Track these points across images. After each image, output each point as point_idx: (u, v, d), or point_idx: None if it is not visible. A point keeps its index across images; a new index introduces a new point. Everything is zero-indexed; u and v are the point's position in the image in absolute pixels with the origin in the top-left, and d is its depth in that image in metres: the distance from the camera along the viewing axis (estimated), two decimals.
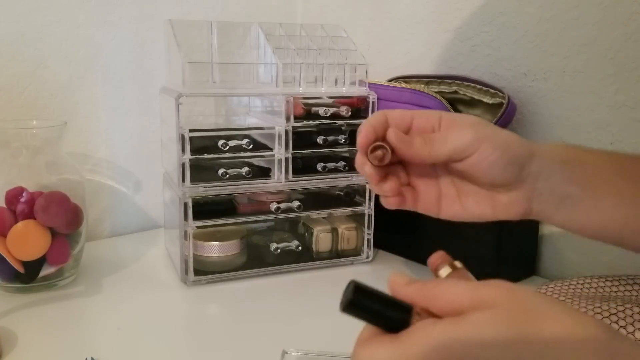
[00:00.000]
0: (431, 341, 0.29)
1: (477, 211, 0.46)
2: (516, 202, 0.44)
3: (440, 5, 0.91)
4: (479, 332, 0.29)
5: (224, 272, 0.76)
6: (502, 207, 0.45)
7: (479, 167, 0.43)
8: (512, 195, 0.44)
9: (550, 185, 0.44)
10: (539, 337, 0.29)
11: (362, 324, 0.36)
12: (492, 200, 0.45)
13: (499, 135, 0.43)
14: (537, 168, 0.44)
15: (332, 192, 0.84)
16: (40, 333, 0.62)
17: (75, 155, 0.89)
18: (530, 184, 0.44)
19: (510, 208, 0.45)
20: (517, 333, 0.29)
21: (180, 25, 0.78)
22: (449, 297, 0.31)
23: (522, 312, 0.29)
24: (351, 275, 0.78)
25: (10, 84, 0.83)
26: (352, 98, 0.79)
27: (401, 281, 0.34)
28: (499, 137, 0.43)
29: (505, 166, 0.43)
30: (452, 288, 0.32)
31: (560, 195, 0.44)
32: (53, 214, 0.69)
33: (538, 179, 0.44)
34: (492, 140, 0.42)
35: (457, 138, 0.42)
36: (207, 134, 0.74)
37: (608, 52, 0.72)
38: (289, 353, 0.56)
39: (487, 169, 0.43)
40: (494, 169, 0.43)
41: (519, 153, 0.43)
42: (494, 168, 0.43)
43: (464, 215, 0.46)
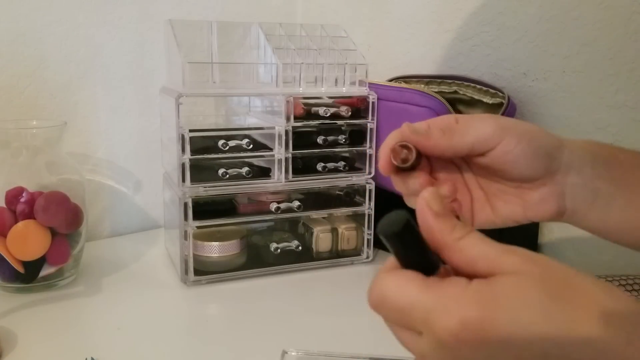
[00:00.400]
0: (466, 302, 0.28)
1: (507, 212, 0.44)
2: (548, 199, 0.42)
3: (440, 5, 0.91)
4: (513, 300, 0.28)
5: (224, 272, 0.76)
6: (533, 205, 0.43)
7: (505, 159, 0.40)
8: (543, 191, 0.42)
9: (583, 179, 0.41)
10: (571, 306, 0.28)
11: (361, 326, 0.35)
12: (522, 199, 0.43)
13: (523, 126, 0.41)
14: (568, 160, 0.41)
15: (332, 192, 0.84)
16: (40, 333, 0.62)
17: (75, 155, 0.89)
18: (561, 178, 0.42)
19: (541, 206, 0.42)
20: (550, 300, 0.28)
21: (180, 25, 0.78)
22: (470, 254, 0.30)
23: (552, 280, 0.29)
24: (351, 275, 0.79)
25: (10, 84, 0.83)
26: (352, 98, 0.79)
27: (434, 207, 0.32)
28: (523, 127, 0.41)
29: (533, 157, 0.40)
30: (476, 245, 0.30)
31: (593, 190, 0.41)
32: (53, 214, 0.69)
33: (569, 173, 0.41)
34: (516, 131, 0.40)
35: (478, 128, 0.40)
36: (207, 134, 0.74)
37: (608, 52, 0.72)
38: (289, 353, 0.56)
39: (514, 161, 0.40)
40: (522, 161, 0.40)
41: (547, 143, 0.41)
42: (521, 160, 0.40)
43: (495, 219, 0.44)
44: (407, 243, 0.30)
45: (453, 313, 0.28)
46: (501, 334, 0.28)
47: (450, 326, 0.28)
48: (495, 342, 0.28)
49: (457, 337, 0.28)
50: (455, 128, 0.41)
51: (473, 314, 0.28)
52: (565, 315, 0.28)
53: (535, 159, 0.40)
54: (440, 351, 0.29)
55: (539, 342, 0.28)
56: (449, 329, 0.28)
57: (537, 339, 0.28)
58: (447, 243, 0.31)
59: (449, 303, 0.29)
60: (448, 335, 0.28)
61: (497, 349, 0.28)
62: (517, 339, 0.28)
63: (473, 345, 0.28)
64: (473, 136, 0.40)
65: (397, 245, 0.31)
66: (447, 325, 0.28)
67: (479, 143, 0.40)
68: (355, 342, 0.61)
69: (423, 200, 0.32)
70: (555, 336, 0.28)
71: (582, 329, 0.28)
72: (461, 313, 0.28)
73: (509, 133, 0.40)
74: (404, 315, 0.30)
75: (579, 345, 0.27)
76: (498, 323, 0.28)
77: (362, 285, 0.32)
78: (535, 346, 0.28)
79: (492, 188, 0.44)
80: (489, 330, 0.28)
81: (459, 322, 0.28)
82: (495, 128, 0.40)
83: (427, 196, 0.32)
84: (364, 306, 0.32)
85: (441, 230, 0.31)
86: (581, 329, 0.28)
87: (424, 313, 0.29)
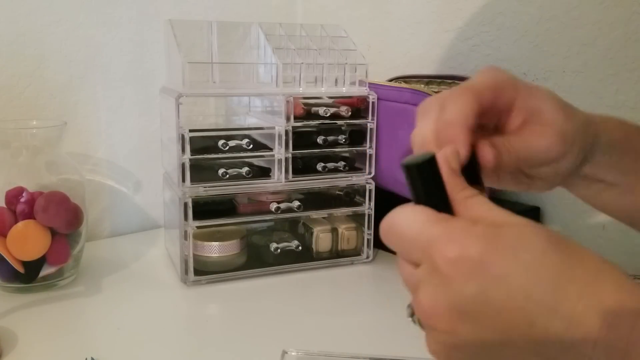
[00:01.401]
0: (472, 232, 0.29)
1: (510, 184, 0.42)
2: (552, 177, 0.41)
3: (440, 5, 0.91)
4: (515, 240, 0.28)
5: (224, 272, 0.76)
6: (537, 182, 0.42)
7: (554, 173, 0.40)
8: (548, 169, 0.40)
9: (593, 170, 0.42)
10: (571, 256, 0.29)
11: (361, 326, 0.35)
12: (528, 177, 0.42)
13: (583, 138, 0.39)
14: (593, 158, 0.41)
15: (332, 192, 0.84)
16: (40, 333, 0.62)
17: (75, 155, 0.89)
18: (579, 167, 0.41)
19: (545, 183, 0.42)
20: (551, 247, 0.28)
21: (180, 25, 0.78)
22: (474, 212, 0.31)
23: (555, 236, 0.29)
24: (351, 275, 0.79)
25: (10, 84, 0.83)
26: (352, 98, 0.79)
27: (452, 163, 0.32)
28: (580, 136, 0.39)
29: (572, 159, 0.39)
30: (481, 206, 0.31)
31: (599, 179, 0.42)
32: (53, 214, 0.69)
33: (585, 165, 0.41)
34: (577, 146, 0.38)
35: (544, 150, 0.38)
36: (207, 134, 0.74)
37: (608, 52, 0.72)
38: (289, 353, 0.56)
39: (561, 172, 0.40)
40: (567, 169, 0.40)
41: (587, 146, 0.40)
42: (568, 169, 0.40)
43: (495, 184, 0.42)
44: (426, 178, 0.31)
45: (456, 243, 0.29)
46: (497, 271, 0.28)
47: (449, 254, 0.29)
48: (490, 277, 0.28)
49: (454, 265, 0.29)
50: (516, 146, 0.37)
51: (474, 247, 0.29)
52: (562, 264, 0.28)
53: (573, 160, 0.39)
54: (433, 280, 0.30)
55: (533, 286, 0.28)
56: (447, 257, 0.29)
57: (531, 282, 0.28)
58: (456, 199, 0.32)
59: (453, 233, 0.29)
60: (445, 263, 0.29)
61: (489, 285, 0.28)
62: (512, 278, 0.28)
63: (467, 277, 0.28)
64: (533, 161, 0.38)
65: (416, 178, 0.32)
66: (446, 253, 0.29)
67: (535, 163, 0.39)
68: (355, 342, 0.61)
69: (443, 156, 0.33)
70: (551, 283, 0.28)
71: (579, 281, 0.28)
72: (463, 244, 0.29)
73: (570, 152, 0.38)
74: (407, 244, 0.31)
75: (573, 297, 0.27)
76: (496, 259, 0.28)
77: (362, 285, 0.33)
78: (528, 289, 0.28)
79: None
80: (486, 264, 0.28)
81: (459, 251, 0.29)
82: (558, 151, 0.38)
83: (448, 153, 0.33)
84: (364, 306, 0.33)
85: (453, 186, 0.32)
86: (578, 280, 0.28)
87: (426, 242, 0.30)
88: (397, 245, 0.32)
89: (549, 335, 0.28)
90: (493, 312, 0.28)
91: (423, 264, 0.30)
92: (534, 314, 0.28)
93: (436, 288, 0.29)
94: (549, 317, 0.27)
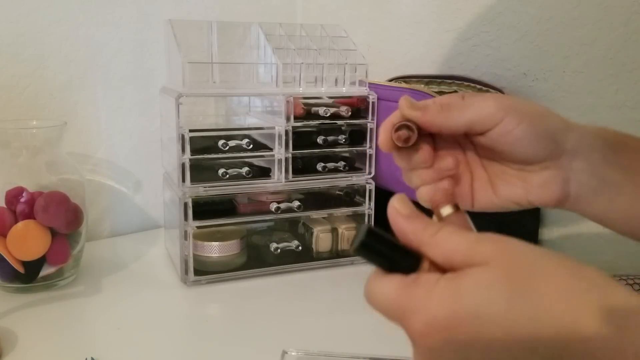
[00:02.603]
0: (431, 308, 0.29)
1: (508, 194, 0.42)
2: (551, 183, 0.40)
3: (440, 5, 0.91)
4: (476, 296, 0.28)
5: (224, 272, 0.76)
6: (535, 189, 0.41)
7: (505, 140, 0.39)
8: (546, 175, 0.40)
9: (590, 165, 0.40)
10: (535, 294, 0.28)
11: (361, 326, 0.36)
12: (525, 181, 0.41)
13: (527, 107, 0.39)
14: (575, 144, 0.40)
15: (332, 192, 0.84)
16: (40, 333, 0.62)
17: (75, 155, 0.89)
18: (567, 162, 0.40)
19: (544, 190, 0.41)
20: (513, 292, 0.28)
21: (180, 25, 0.78)
22: (444, 248, 0.31)
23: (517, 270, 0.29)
24: (351, 275, 0.79)
25: (10, 84, 0.83)
26: (352, 98, 0.79)
27: (403, 211, 0.33)
28: (526, 108, 0.39)
29: (535, 139, 0.39)
30: (449, 239, 0.31)
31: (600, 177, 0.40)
32: (53, 214, 0.69)
33: (575, 157, 0.40)
34: (519, 111, 0.39)
35: (477, 107, 0.39)
36: (207, 134, 0.74)
37: (608, 52, 0.72)
38: (289, 353, 0.56)
39: (514, 142, 0.39)
40: (522, 143, 0.39)
41: (552, 125, 0.40)
42: (522, 141, 0.39)
43: (496, 200, 0.43)
44: (376, 250, 0.32)
45: (420, 315, 0.29)
46: (467, 332, 0.28)
47: (417, 328, 0.29)
48: (463, 340, 0.28)
49: (425, 337, 0.29)
50: (455, 105, 0.40)
51: (438, 314, 0.29)
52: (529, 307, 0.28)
53: (538, 141, 0.39)
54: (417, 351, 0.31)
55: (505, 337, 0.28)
56: (417, 331, 0.29)
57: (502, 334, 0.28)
58: (423, 240, 0.31)
59: (416, 304, 0.30)
60: (418, 337, 0.30)
61: (464, 345, 0.28)
62: (483, 334, 0.28)
63: (442, 345, 0.29)
64: (471, 114, 0.39)
65: (369, 255, 0.32)
66: (415, 327, 0.30)
67: (477, 122, 0.39)
68: (355, 342, 0.61)
69: (392, 207, 0.33)
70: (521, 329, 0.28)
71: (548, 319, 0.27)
72: (426, 315, 0.29)
73: (510, 113, 0.39)
74: (387, 316, 0.32)
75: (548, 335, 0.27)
76: (462, 321, 0.28)
77: (362, 285, 0.33)
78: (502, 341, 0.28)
79: (495, 168, 0.43)
80: (454, 329, 0.28)
81: (424, 324, 0.29)
82: (496, 107, 0.39)
83: (395, 203, 0.33)
84: (364, 306, 0.33)
85: (414, 231, 0.32)
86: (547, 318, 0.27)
87: (398, 315, 0.31)
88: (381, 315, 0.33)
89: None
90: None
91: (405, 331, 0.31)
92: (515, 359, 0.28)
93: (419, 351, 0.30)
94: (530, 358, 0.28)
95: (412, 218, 0.32)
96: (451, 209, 0.37)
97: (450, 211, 0.37)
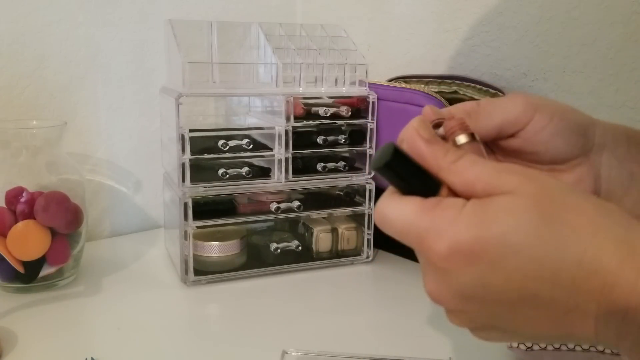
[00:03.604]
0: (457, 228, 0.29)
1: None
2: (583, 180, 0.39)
3: (440, 5, 0.91)
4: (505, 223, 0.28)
5: (224, 272, 0.76)
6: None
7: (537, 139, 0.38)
8: (578, 172, 0.39)
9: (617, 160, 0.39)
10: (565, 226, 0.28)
11: (361, 326, 0.36)
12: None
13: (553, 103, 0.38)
14: (601, 139, 0.39)
15: (332, 192, 0.84)
16: (40, 333, 0.62)
17: (75, 155, 0.89)
18: (596, 156, 0.39)
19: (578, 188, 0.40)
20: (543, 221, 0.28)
21: (180, 25, 0.78)
22: (466, 176, 0.30)
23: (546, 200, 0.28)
24: (351, 275, 0.79)
25: (10, 84, 0.83)
26: (352, 98, 0.79)
27: (424, 134, 0.32)
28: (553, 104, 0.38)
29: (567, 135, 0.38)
30: (471, 167, 0.30)
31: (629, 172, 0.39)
32: (53, 214, 0.69)
33: (603, 151, 0.39)
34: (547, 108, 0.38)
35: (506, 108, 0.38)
36: (207, 134, 0.74)
37: (608, 52, 0.72)
38: (289, 353, 0.56)
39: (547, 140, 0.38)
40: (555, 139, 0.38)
41: (579, 120, 0.39)
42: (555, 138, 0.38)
43: None
44: (400, 170, 0.31)
45: (444, 237, 0.29)
46: (491, 256, 0.28)
47: (440, 250, 0.29)
48: (484, 265, 0.28)
49: (446, 260, 0.29)
50: (480, 110, 0.38)
51: (464, 238, 0.28)
52: (557, 237, 0.28)
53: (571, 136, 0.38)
54: (431, 271, 0.30)
55: (529, 265, 0.28)
56: (439, 253, 0.29)
57: (527, 261, 0.28)
58: (443, 167, 0.31)
59: (441, 226, 0.29)
60: (438, 259, 0.29)
61: (486, 271, 0.28)
62: (507, 262, 0.28)
63: (462, 267, 0.29)
64: (501, 116, 0.38)
65: (391, 175, 0.31)
66: (437, 249, 0.29)
67: (508, 123, 0.38)
68: (355, 342, 0.61)
69: (412, 129, 0.32)
70: (546, 258, 0.28)
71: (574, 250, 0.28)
72: (452, 237, 0.29)
73: (540, 110, 0.38)
74: (400, 236, 0.31)
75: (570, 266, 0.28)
76: (488, 245, 0.28)
77: (362, 285, 0.33)
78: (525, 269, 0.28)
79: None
80: (479, 252, 0.28)
81: (449, 246, 0.29)
82: (524, 105, 0.38)
83: (415, 124, 0.32)
84: (364, 306, 0.33)
85: (434, 156, 0.31)
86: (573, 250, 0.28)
87: (416, 238, 0.30)
88: (393, 235, 0.32)
89: (554, 302, 0.28)
90: (495, 294, 0.29)
91: (420, 254, 0.31)
92: (535, 289, 0.28)
93: (436, 278, 0.30)
94: (551, 289, 0.28)
95: (432, 142, 0.32)
96: (467, 137, 0.35)
97: (466, 140, 0.35)
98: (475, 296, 0.30)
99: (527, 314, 0.29)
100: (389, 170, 0.31)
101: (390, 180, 0.32)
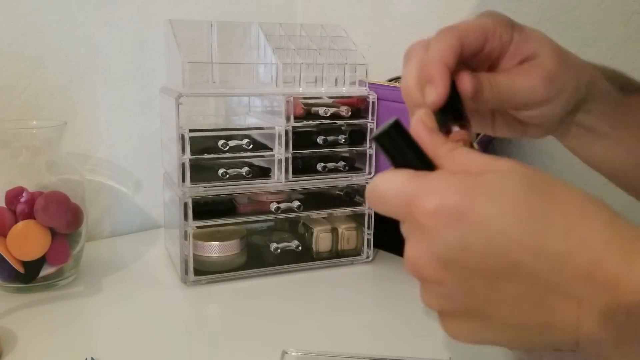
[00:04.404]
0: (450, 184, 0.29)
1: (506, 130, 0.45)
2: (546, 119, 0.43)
3: (440, 5, 0.91)
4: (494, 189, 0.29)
5: (224, 272, 0.76)
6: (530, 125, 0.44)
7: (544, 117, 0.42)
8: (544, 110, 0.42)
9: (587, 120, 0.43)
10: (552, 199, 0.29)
11: (361, 326, 0.35)
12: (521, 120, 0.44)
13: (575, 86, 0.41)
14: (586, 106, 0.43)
15: (332, 192, 0.84)
16: (40, 333, 0.62)
17: (75, 155, 0.89)
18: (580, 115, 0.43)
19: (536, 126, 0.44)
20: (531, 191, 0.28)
21: (180, 25, 0.78)
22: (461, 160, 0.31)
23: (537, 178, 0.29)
24: (351, 275, 0.79)
25: (10, 84, 0.83)
26: (352, 98, 0.79)
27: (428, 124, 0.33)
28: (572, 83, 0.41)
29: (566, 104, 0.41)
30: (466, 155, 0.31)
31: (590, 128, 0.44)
32: (53, 214, 0.69)
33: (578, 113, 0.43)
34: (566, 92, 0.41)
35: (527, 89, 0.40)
36: (207, 134, 0.74)
37: (608, 52, 0.72)
38: (289, 353, 0.56)
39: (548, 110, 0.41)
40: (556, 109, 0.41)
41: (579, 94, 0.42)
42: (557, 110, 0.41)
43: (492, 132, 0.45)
44: (397, 142, 0.32)
45: (433, 195, 0.29)
46: (476, 217, 0.28)
47: (427, 206, 0.29)
48: (468, 225, 0.28)
49: (432, 217, 0.29)
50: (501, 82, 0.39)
51: (452, 197, 0.29)
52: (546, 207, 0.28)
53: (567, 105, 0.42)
54: (416, 234, 0.30)
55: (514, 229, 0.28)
56: (426, 209, 0.29)
57: (511, 226, 0.28)
58: (440, 153, 0.32)
59: (430, 187, 0.30)
60: (424, 216, 0.29)
61: (468, 232, 0.28)
62: (492, 223, 0.28)
63: (446, 227, 0.29)
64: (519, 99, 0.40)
65: (387, 146, 0.32)
66: (424, 206, 0.29)
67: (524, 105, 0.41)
68: (355, 342, 0.61)
69: (418, 119, 0.33)
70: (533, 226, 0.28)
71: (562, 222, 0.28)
72: (440, 196, 0.29)
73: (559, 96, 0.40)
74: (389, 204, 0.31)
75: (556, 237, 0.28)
76: (475, 208, 0.28)
77: (362, 286, 0.33)
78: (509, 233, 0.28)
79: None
80: (465, 211, 0.28)
81: (437, 203, 0.29)
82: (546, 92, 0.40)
83: (422, 115, 0.34)
84: (364, 306, 0.33)
85: (434, 143, 0.32)
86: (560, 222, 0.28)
87: (405, 199, 0.30)
88: (381, 207, 0.32)
89: (535, 276, 0.28)
90: (476, 258, 0.29)
91: (406, 221, 0.31)
92: (517, 257, 0.28)
93: (418, 241, 0.30)
94: (533, 258, 0.28)
95: (434, 132, 0.33)
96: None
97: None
98: (454, 261, 0.29)
99: (506, 290, 0.29)
100: (387, 138, 0.32)
101: (387, 152, 0.32)
